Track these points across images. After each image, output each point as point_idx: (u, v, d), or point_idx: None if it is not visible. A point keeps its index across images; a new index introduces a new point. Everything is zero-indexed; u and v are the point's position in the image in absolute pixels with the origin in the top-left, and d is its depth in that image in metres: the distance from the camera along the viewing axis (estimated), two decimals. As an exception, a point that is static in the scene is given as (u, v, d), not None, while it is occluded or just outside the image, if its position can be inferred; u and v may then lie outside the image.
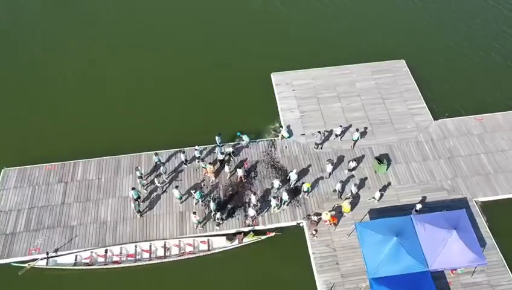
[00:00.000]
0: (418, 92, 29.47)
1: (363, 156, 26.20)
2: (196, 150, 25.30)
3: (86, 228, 23.62)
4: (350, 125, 27.41)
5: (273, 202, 23.34)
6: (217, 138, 25.79)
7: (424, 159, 26.12)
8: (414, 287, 19.02)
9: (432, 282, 19.50)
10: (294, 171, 24.40)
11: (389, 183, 24.99)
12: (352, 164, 24.67)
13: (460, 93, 29.95)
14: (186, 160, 25.45)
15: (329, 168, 24.59)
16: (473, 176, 25.34)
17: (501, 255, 22.01)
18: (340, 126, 26.63)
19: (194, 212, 22.71)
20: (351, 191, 24.02)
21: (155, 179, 24.71)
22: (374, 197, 23.97)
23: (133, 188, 23.48)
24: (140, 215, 23.88)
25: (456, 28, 34.59)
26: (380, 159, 25.28)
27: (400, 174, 25.44)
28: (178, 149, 26.33)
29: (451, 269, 20.62)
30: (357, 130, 26.02)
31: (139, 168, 24.68)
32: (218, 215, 22.77)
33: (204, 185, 24.97)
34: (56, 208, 24.36)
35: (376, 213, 23.71)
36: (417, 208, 22.82)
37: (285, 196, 23.41)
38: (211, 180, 24.99)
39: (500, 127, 27.57)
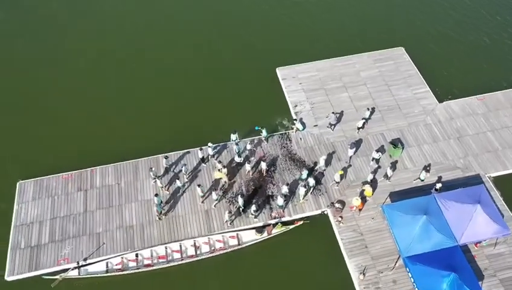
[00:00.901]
0: (421, 77, 30.44)
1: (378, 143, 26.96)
2: (210, 147, 25.44)
3: (112, 233, 23.48)
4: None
5: (302, 191, 23.73)
6: (232, 135, 26.00)
7: (435, 140, 27.04)
8: (446, 261, 19.76)
9: (463, 255, 20.38)
10: (323, 157, 24.88)
11: (405, 167, 25.80)
12: (377, 155, 25.25)
13: (459, 76, 31.13)
14: (203, 158, 25.54)
15: (350, 152, 25.18)
16: (483, 153, 26.41)
17: (519, 226, 23.14)
18: (333, 113, 27.44)
19: (199, 185, 23.57)
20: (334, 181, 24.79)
21: (177, 180, 24.76)
22: (389, 180, 24.70)
23: (156, 194, 23.45)
24: (159, 219, 23.87)
25: (447, 15, 35.77)
26: (394, 144, 26.06)
27: (414, 157, 26.28)
28: (186, 151, 26.43)
29: (478, 241, 21.51)
30: (368, 108, 27.63)
31: (153, 169, 24.62)
32: (253, 207, 23.01)
33: (225, 182, 25.15)
34: (79, 216, 24.11)
35: (396, 196, 24.43)
36: (437, 187, 23.68)
37: (311, 182, 23.90)
38: (224, 182, 25.02)
39: (502, 105, 28.78)
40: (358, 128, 27.04)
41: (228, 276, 22.35)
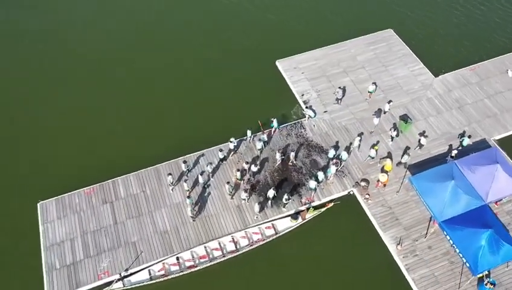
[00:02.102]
0: (413, 55, 31.98)
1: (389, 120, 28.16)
2: (231, 142, 25.72)
3: (148, 241, 23.31)
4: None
5: (333, 169, 24.61)
6: (248, 131, 26.38)
7: (439, 112, 28.57)
8: (479, 220, 21.08)
9: (492, 212, 21.85)
10: (358, 138, 26.09)
11: (417, 140, 27.15)
12: (394, 133, 26.37)
13: (447, 50, 32.96)
14: (224, 157, 25.79)
15: (376, 121, 26.54)
16: (484, 119, 28.19)
17: (530, 181, 24.90)
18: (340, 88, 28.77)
19: (228, 182, 24.31)
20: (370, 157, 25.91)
21: (200, 180, 24.84)
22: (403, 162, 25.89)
23: (189, 196, 23.50)
24: (193, 220, 23.97)
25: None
26: (404, 119, 27.34)
27: (423, 130, 27.65)
28: (201, 153, 26.58)
29: (499, 199, 23.03)
30: (373, 83, 29.08)
31: (171, 174, 24.42)
32: (285, 196, 23.51)
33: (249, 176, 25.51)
34: (110, 228, 23.75)
35: (414, 168, 25.67)
36: (452, 154, 25.10)
37: (344, 155, 25.11)
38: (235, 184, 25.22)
39: (492, 73, 30.76)
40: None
41: (271, 265, 22.77)
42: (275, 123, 26.89)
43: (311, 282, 22.25)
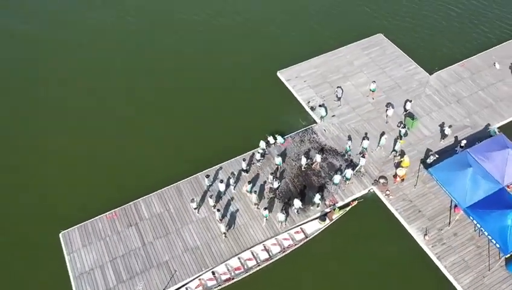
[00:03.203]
0: (406, 56, 33.49)
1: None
2: (259, 152, 26.10)
3: (180, 258, 23.08)
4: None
5: (363, 161, 25.74)
6: (261, 142, 26.82)
7: (439, 107, 29.95)
8: (501, 202, 22.13)
9: (509, 193, 23.02)
10: (384, 137, 27.18)
11: (425, 135, 28.30)
12: (403, 130, 27.42)
13: (436, 49, 34.71)
14: (246, 169, 26.04)
15: (390, 112, 28.06)
16: (482, 109, 29.75)
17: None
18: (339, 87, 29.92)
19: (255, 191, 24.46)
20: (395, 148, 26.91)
21: (222, 190, 24.97)
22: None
23: (218, 210, 23.55)
24: (225, 236, 23.94)
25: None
26: (410, 117, 28.52)
27: (429, 125, 28.90)
28: (217, 167, 26.81)
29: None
30: (374, 81, 30.16)
31: (195, 199, 24.23)
32: (318, 196, 24.00)
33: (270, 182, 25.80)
34: (139, 251, 23.38)
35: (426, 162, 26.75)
36: (462, 144, 26.29)
37: (365, 143, 26.27)
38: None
39: (481, 67, 32.58)
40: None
41: (307, 268, 22.98)
42: (279, 139, 27.38)
43: (348, 280, 22.59)
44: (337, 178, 24.80)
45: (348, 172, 25.16)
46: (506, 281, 22.08)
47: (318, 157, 25.97)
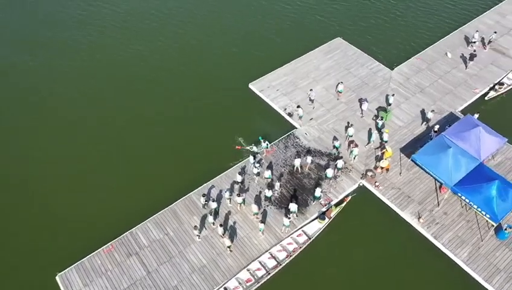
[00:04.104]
0: (367, 56, 35.36)
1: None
2: (255, 168, 26.32)
3: (189, 280, 22.64)
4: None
5: (356, 150, 27.14)
6: (251, 158, 27.14)
7: (406, 98, 31.81)
8: (482, 176, 23.83)
9: (488, 167, 24.86)
10: (352, 127, 28.43)
11: (399, 125, 29.92)
12: (380, 122, 28.79)
13: (391, 46, 36.95)
14: (241, 182, 26.21)
15: (365, 106, 29.38)
16: (444, 96, 31.97)
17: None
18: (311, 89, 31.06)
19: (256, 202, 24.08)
20: (383, 139, 28.18)
21: (220, 207, 24.95)
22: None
23: (221, 225, 23.43)
24: (230, 250, 23.82)
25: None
26: (385, 109, 30.09)
27: (400, 116, 30.58)
28: (208, 184, 26.79)
29: (491, 155, 26.20)
30: (341, 82, 31.70)
31: (197, 226, 23.97)
32: (319, 189, 24.78)
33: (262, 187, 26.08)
34: (145, 280, 22.68)
35: (405, 150, 28.25)
36: (435, 129, 28.02)
37: (350, 131, 27.77)
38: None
39: (434, 58, 35.06)
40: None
41: (315, 269, 23.34)
42: (264, 143, 27.86)
43: (357, 271, 23.27)
44: (330, 172, 25.66)
45: (340, 162, 26.18)
46: (499, 248, 23.68)
47: (308, 158, 26.64)
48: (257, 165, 26.27)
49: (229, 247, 23.46)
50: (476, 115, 28.03)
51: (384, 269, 23.34)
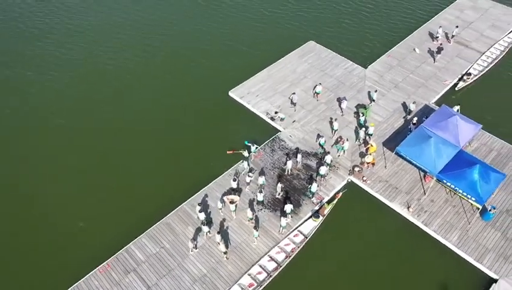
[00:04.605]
0: (340, 56, 36.42)
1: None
2: (249, 175, 26.47)
3: (191, 291, 22.46)
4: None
5: (346, 145, 28.13)
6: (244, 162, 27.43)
7: (382, 94, 32.92)
8: (463, 162, 24.94)
9: (468, 153, 26.09)
10: (337, 121, 29.38)
11: (378, 121, 30.90)
12: (362, 118, 29.71)
13: (362, 46, 38.23)
14: (235, 189, 26.32)
15: (344, 105, 30.61)
16: (417, 89, 33.34)
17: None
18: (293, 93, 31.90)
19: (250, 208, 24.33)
20: (368, 133, 29.09)
21: (213, 216, 24.96)
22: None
23: (218, 232, 23.35)
24: (227, 258, 23.82)
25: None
26: (364, 106, 31.05)
27: (379, 111, 31.60)
28: (200, 194, 26.83)
29: (468, 141, 27.48)
30: (320, 83, 32.49)
31: (195, 243, 23.82)
32: (315, 184, 25.28)
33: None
34: (146, 295, 22.31)
35: (387, 143, 29.20)
36: (414, 122, 29.20)
37: (335, 125, 29.24)
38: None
39: (404, 54, 36.56)
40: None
41: (315, 267, 23.65)
42: (252, 148, 28.13)
43: (354, 263, 23.81)
44: (323, 169, 26.21)
45: (328, 157, 26.97)
46: (486, 229, 24.81)
47: (299, 157, 27.12)
48: (250, 174, 26.45)
49: (225, 253, 23.43)
50: (457, 107, 29.33)
51: (380, 260, 23.91)
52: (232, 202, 25.03)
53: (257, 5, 43.16)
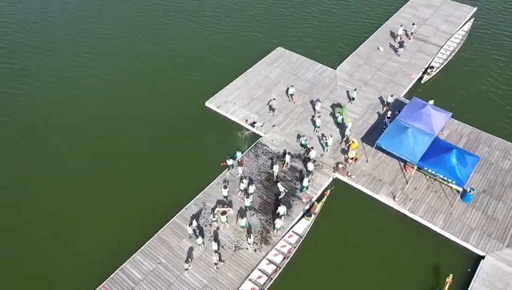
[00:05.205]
0: (310, 60, 37.46)
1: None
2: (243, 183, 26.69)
3: (194, 303, 22.23)
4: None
5: (330, 141, 28.91)
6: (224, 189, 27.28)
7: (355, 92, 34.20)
8: (440, 148, 26.26)
9: (443, 140, 27.54)
10: (319, 117, 30.33)
11: (354, 117, 31.99)
12: (340, 117, 30.60)
13: (328, 48, 39.53)
14: (226, 196, 26.39)
15: (318, 106, 31.34)
16: (386, 85, 34.84)
17: (442, 114, 31.81)
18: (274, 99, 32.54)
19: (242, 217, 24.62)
20: (347, 133, 30.02)
21: (206, 227, 24.95)
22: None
23: (215, 239, 23.31)
24: (217, 267, 23.74)
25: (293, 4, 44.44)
26: (339, 105, 32.08)
27: (354, 109, 32.71)
28: (188, 205, 26.79)
29: (441, 129, 28.97)
30: (292, 85, 33.55)
31: (189, 261, 23.36)
32: (307, 179, 26.04)
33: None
34: (148, 313, 21.86)
35: (365, 138, 30.31)
36: (388, 116, 30.47)
37: (318, 122, 30.53)
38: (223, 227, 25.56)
39: (369, 53, 38.13)
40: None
41: (313, 265, 24.07)
42: (238, 154, 28.40)
43: (349, 257, 24.45)
44: (310, 165, 26.92)
45: (313, 153, 27.72)
46: (468, 210, 26.20)
47: (287, 158, 27.64)
48: (244, 180, 26.76)
49: (221, 261, 23.48)
50: (431, 101, 30.79)
51: (373, 250, 24.66)
52: (223, 213, 25.06)
53: (219, 19, 43.60)
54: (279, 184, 26.50)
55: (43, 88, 35.23)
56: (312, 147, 28.46)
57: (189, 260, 23.33)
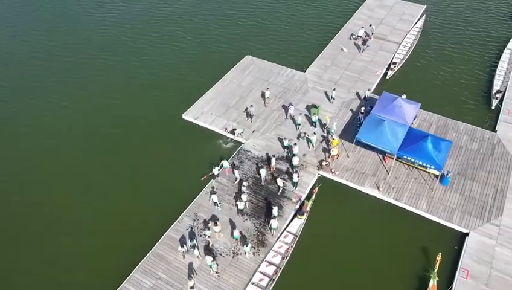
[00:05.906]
0: (279, 66, 38.43)
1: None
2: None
3: (201, 313, 22.09)
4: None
5: (314, 138, 30.10)
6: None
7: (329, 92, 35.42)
8: (416, 137, 27.73)
9: (417, 129, 29.15)
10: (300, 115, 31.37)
11: (330, 116, 33.12)
12: (314, 116, 31.56)
13: (294, 53, 40.72)
14: (218, 203, 26.54)
15: (292, 110, 32.43)
16: (354, 83, 36.34)
17: (410, 105, 33.62)
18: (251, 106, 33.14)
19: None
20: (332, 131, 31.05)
21: (201, 237, 25.06)
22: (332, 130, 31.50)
23: (212, 261, 23.28)
24: (218, 275, 23.83)
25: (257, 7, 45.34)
26: (314, 105, 33.15)
27: (328, 108, 33.83)
28: (179, 218, 26.84)
29: (414, 118, 30.63)
30: (267, 88, 34.56)
31: (192, 277, 23.28)
32: (296, 175, 26.70)
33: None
34: (155, 330, 21.49)
35: (343, 135, 31.48)
36: (362, 111, 31.81)
37: (299, 119, 31.60)
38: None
39: (334, 54, 39.63)
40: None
41: (312, 263, 24.62)
42: (224, 163, 28.64)
43: (343, 249, 25.24)
44: (295, 160, 27.87)
45: (295, 148, 28.81)
46: (447, 192, 27.80)
47: (273, 161, 28.23)
48: (245, 183, 27.43)
49: (216, 273, 23.62)
50: (404, 96, 32.33)
51: (364, 239, 25.62)
52: (216, 224, 25.13)
53: (182, 33, 43.78)
54: (278, 179, 27.23)
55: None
56: (295, 143, 29.29)
57: (192, 276, 23.19)
